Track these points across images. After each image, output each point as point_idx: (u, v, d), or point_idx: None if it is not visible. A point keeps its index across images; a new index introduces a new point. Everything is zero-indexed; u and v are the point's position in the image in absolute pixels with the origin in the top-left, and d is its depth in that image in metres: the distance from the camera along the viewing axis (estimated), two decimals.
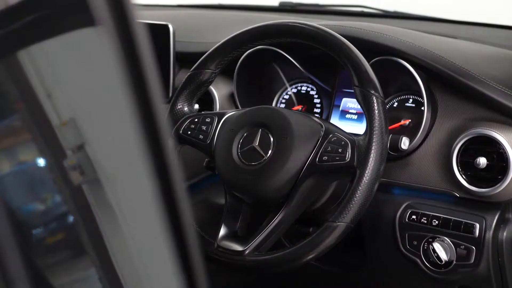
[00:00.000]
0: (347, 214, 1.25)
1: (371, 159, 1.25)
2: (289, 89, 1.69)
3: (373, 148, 1.25)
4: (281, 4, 2.27)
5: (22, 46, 0.73)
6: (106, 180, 0.58)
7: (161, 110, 0.43)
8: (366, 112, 1.28)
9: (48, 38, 0.70)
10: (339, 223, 1.26)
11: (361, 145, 1.27)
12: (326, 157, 1.30)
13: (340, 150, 1.29)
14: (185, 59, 1.71)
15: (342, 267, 1.65)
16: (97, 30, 0.44)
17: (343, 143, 1.29)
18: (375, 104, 1.28)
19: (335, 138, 1.31)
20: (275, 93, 1.70)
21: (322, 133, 1.32)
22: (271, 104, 1.69)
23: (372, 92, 1.28)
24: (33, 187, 0.81)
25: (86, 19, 0.50)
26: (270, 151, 1.33)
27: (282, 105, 1.69)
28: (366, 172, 1.25)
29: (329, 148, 1.30)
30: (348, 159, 1.28)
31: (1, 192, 0.79)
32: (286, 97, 1.69)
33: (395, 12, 2.11)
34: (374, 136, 1.26)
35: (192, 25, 1.94)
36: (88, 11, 0.43)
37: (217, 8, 2.40)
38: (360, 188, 1.25)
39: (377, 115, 1.27)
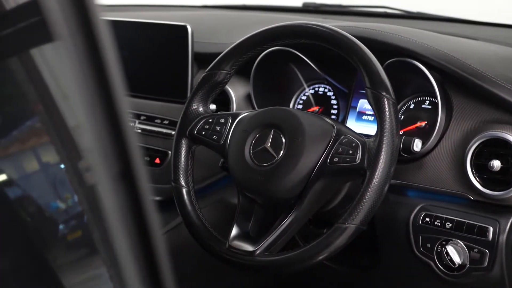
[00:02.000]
0: (357, 216, 1.25)
1: (381, 161, 1.24)
2: (307, 89, 1.69)
3: (383, 150, 1.25)
4: (305, 4, 2.27)
5: (36, 45, 0.74)
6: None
7: (125, 111, 0.44)
8: (377, 114, 1.28)
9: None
10: (348, 225, 1.25)
11: (371, 147, 1.27)
12: (336, 159, 1.30)
13: (350, 152, 1.29)
14: (204, 60, 1.72)
15: (357, 268, 1.64)
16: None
17: (353, 144, 1.29)
18: (386, 106, 1.27)
19: (346, 139, 1.31)
20: (292, 94, 1.70)
21: (334, 134, 1.33)
22: (289, 105, 1.69)
23: (384, 93, 1.28)
24: (53, 187, 0.82)
25: None
26: (281, 152, 1.34)
27: (300, 106, 1.69)
28: (376, 174, 1.24)
29: (340, 150, 1.30)
30: (358, 161, 1.27)
31: (24, 191, 0.80)
32: (304, 98, 1.69)
33: (418, 13, 2.10)
34: (385, 138, 1.25)
35: (213, 26, 1.96)
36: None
37: (241, 8, 2.41)
38: (369, 190, 1.24)
39: (387, 116, 1.27)
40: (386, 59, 1.44)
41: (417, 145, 1.38)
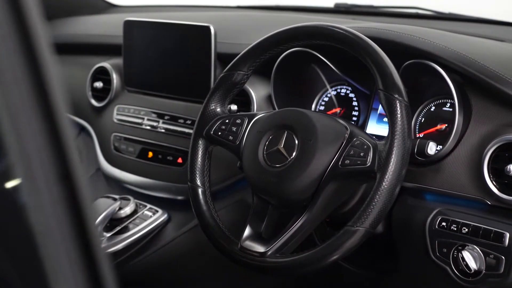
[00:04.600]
0: (366, 218, 1.24)
1: (391, 163, 1.23)
2: (329, 90, 1.68)
3: (393, 152, 1.24)
4: (336, 5, 2.26)
5: None
6: None
7: (63, 112, 0.44)
8: (389, 116, 1.27)
9: None
10: (357, 228, 1.25)
11: (382, 149, 1.26)
12: (348, 161, 1.29)
13: (362, 154, 1.28)
14: (228, 60, 1.72)
15: (376, 272, 1.63)
16: None
17: (365, 147, 1.28)
18: (398, 108, 1.26)
19: (358, 141, 1.30)
20: (315, 95, 1.69)
21: (347, 136, 1.32)
22: (311, 106, 1.69)
23: (396, 96, 1.26)
24: None
25: None
26: (294, 153, 1.33)
27: (322, 107, 1.68)
28: (386, 176, 1.23)
29: (351, 152, 1.30)
30: (369, 164, 1.26)
31: None
32: (326, 99, 1.68)
33: (450, 14, 2.07)
34: (396, 141, 1.24)
35: (241, 27, 1.96)
36: None
37: (274, 9, 2.42)
38: (379, 192, 1.23)
39: (399, 119, 1.25)
40: (405, 61, 1.43)
41: (431, 148, 1.36)
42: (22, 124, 0.43)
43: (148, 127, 1.85)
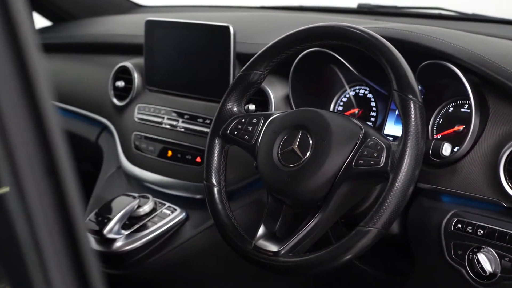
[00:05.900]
0: (379, 219, 1.24)
1: (404, 164, 1.23)
2: (348, 91, 1.68)
3: (407, 153, 1.23)
4: (359, 6, 2.25)
5: None
6: None
7: (50, 107, 0.45)
8: (403, 117, 1.26)
9: None
10: (370, 228, 1.24)
11: (395, 150, 1.25)
12: (361, 161, 1.29)
13: (375, 155, 1.28)
14: (247, 60, 1.73)
15: (390, 273, 1.62)
16: None
17: (379, 147, 1.28)
18: (412, 109, 1.25)
19: (372, 142, 1.30)
20: (333, 95, 1.69)
21: (361, 136, 1.32)
22: (329, 106, 1.68)
23: (410, 97, 1.26)
24: None
25: None
26: (308, 153, 1.34)
27: (340, 108, 1.68)
28: (399, 177, 1.23)
29: (365, 152, 1.29)
30: (382, 164, 1.26)
31: None
32: (344, 99, 1.68)
33: (473, 15, 2.05)
34: (409, 142, 1.24)
35: (262, 27, 1.96)
36: None
37: (297, 10, 2.41)
38: (391, 193, 1.23)
39: (413, 120, 1.25)
40: (422, 62, 1.42)
41: (446, 149, 1.36)
42: (8, 119, 0.44)
43: (168, 126, 1.86)
